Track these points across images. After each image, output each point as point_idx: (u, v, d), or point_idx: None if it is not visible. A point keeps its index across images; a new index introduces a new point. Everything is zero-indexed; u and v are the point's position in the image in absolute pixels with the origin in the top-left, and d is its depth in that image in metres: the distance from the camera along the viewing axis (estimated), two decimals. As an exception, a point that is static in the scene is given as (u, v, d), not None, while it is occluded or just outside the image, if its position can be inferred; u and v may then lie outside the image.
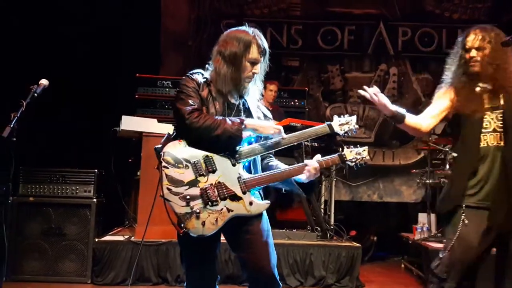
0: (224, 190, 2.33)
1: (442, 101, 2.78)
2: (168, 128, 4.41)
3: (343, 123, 2.57)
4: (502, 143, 2.63)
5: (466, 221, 2.59)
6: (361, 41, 7.62)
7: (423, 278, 4.96)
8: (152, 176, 4.35)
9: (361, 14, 7.64)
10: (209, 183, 2.31)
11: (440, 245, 4.76)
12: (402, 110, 2.70)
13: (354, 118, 2.59)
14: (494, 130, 2.65)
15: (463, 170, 2.68)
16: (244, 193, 2.35)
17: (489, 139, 2.64)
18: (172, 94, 5.54)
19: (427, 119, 2.76)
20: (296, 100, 6.67)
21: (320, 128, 2.55)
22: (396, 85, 7.54)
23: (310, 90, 7.35)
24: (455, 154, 2.89)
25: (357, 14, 7.64)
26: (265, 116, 2.58)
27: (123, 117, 4.63)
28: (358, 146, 2.57)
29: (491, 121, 2.65)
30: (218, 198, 2.31)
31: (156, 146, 2.39)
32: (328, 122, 2.56)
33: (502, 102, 2.66)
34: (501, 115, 2.64)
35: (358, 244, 4.88)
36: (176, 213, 2.28)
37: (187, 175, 2.30)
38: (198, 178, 2.31)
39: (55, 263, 4.49)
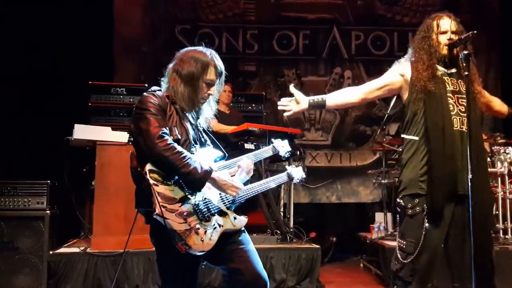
0: (213, 206, 2.35)
1: (391, 77, 2.79)
2: (122, 136, 4.39)
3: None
4: (464, 128, 2.60)
5: (427, 225, 2.57)
6: (316, 45, 7.73)
7: (381, 277, 5.06)
8: (107, 185, 4.34)
9: (315, 18, 7.75)
10: (198, 200, 2.30)
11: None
12: (318, 98, 2.76)
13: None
14: (457, 114, 2.63)
15: (439, 157, 2.56)
16: (228, 208, 2.42)
17: (454, 122, 2.62)
18: (127, 101, 5.45)
19: (361, 93, 2.80)
20: (253, 105, 6.69)
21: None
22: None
23: (267, 94, 7.37)
24: (415, 138, 2.69)
25: (311, 18, 7.75)
26: (212, 141, 2.58)
27: (76, 125, 4.52)
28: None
29: (454, 104, 2.64)
30: (209, 214, 2.31)
31: (132, 166, 2.33)
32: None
33: (464, 87, 2.63)
34: (463, 99, 2.63)
35: (317, 246, 4.92)
36: (176, 231, 2.20)
37: (177, 191, 2.26)
38: (187, 195, 2.28)
39: (8, 278, 4.31)
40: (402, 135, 2.80)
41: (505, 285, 2.78)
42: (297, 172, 2.80)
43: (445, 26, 2.71)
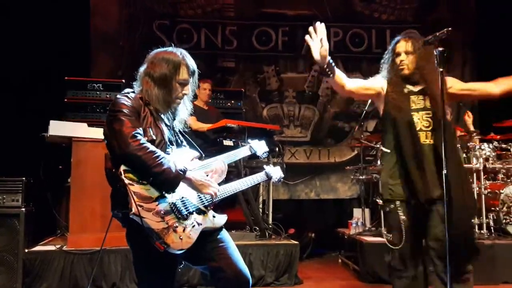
0: (191, 204, 2.34)
1: (374, 83, 3.04)
2: (99, 133, 4.33)
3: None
4: (431, 141, 2.86)
5: (403, 217, 2.83)
6: (295, 42, 7.72)
7: (359, 272, 5.11)
8: (83, 182, 4.29)
9: (294, 15, 7.76)
10: (175, 198, 2.28)
11: (378, 239, 5.00)
12: (333, 67, 2.87)
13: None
14: (421, 130, 2.88)
15: (410, 170, 2.83)
16: (205, 207, 2.41)
17: (421, 137, 2.88)
18: (104, 97, 5.39)
19: (353, 84, 2.99)
20: (232, 101, 6.68)
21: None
22: (330, 85, 7.69)
23: (246, 91, 7.36)
24: (387, 150, 2.99)
25: (290, 15, 7.76)
26: (188, 142, 2.58)
27: (51, 122, 4.44)
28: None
29: (418, 121, 2.89)
30: (187, 212, 2.30)
31: (106, 167, 2.30)
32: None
33: (429, 103, 2.90)
34: (428, 115, 2.88)
35: (295, 242, 4.95)
36: (153, 230, 2.18)
37: (153, 190, 2.23)
38: (164, 193, 2.26)
39: (-18, 277, 4.25)
40: (379, 145, 3.03)
41: (481, 279, 2.88)
42: (275, 172, 2.83)
43: (399, 49, 2.98)
